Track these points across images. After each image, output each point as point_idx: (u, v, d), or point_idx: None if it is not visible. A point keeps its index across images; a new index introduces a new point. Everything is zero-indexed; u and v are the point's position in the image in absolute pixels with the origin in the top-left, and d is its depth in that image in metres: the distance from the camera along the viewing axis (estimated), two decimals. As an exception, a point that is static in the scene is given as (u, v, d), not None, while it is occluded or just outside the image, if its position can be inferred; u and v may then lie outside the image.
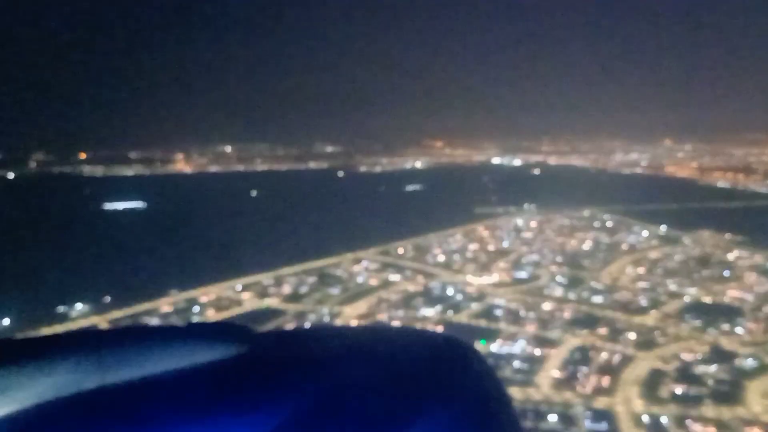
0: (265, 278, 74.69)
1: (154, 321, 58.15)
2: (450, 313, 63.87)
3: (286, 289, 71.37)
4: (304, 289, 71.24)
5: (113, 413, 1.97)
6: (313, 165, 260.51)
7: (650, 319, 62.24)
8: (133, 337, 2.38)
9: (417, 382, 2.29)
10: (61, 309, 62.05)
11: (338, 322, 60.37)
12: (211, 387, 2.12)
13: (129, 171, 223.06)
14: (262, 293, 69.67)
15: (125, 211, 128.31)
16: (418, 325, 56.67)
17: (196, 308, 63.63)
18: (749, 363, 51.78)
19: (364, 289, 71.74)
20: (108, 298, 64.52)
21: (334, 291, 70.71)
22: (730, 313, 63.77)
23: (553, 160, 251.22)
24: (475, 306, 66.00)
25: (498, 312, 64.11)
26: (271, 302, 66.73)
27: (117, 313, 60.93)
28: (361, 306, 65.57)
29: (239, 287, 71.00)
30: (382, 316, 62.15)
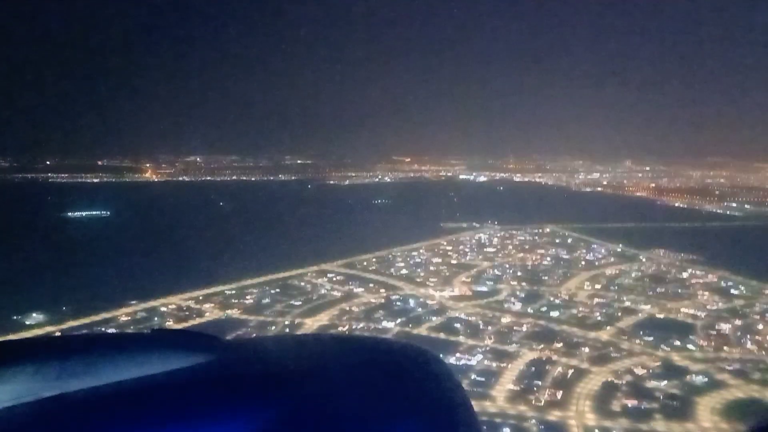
0: (228, 289, 74.56)
1: (111, 331, 57.64)
2: (410, 326, 64.47)
3: (249, 300, 71.26)
4: (266, 301, 71.21)
5: (73, 421, 1.97)
6: (283, 177, 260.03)
7: (605, 334, 63.70)
8: (96, 344, 2.46)
9: (383, 390, 2.43)
10: (16, 318, 60.96)
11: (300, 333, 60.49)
12: (177, 396, 2.15)
13: (95, 179, 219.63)
14: (225, 304, 69.45)
15: (89, 220, 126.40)
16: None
17: (156, 318, 63.01)
18: (699, 379, 53.36)
19: (327, 301, 72.10)
20: (65, 308, 63.66)
21: (297, 302, 70.86)
22: (682, 329, 65.67)
23: (518, 177, 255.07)
24: (435, 319, 66.80)
25: (457, 325, 64.98)
26: (234, 313, 66.51)
27: (73, 323, 60.07)
28: (323, 318, 65.82)
29: (201, 297, 70.70)
30: (343, 329, 62.44)
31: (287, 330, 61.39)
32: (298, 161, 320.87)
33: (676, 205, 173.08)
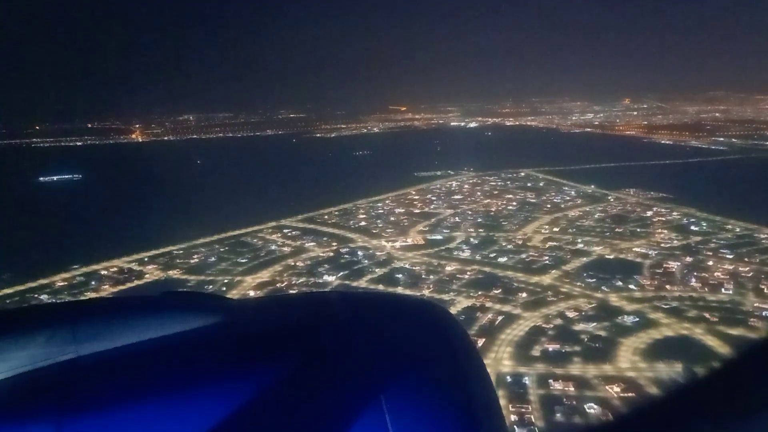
0: (177, 249, 74.09)
1: (44, 297, 57.53)
2: (351, 278, 63.79)
3: (195, 259, 70.80)
4: (212, 260, 70.72)
5: (88, 384, 2.04)
6: (270, 132, 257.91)
7: (548, 278, 62.81)
8: (107, 309, 2.55)
9: (394, 345, 2.41)
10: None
11: (236, 292, 59.99)
12: (186, 356, 2.20)
13: (79, 142, 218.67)
14: (168, 265, 69.01)
15: (58, 184, 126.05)
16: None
17: (93, 282, 62.71)
18: (630, 320, 52.57)
19: (274, 257, 71.44)
20: (4, 275, 63.39)
21: (243, 260, 70.25)
22: (629, 269, 64.65)
23: (509, 122, 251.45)
24: (378, 270, 66.07)
25: (399, 276, 64.32)
26: (174, 273, 66.03)
27: (8, 290, 59.87)
28: (264, 275, 65.23)
29: (146, 259, 70.29)
30: (282, 285, 62.00)
31: (223, 289, 60.93)
32: (291, 115, 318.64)
33: (662, 142, 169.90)
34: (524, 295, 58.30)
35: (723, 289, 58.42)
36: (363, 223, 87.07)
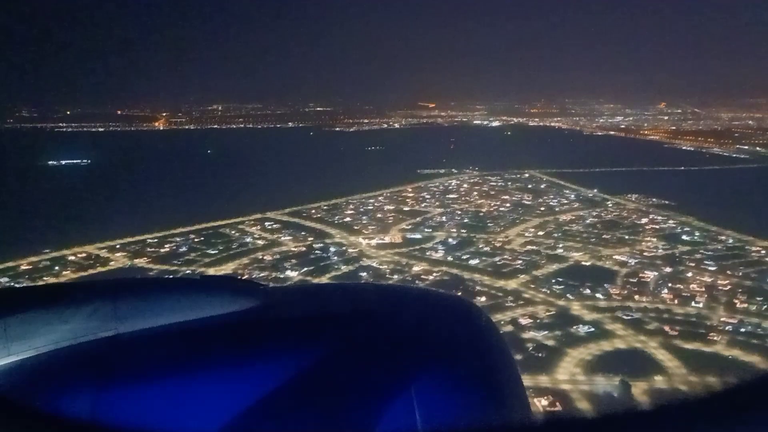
0: (153, 238, 73.96)
1: (4, 280, 57.92)
2: (314, 275, 62.70)
3: (166, 249, 70.58)
4: (183, 249, 70.42)
5: (127, 360, 2.14)
6: (291, 124, 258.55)
7: (514, 282, 60.82)
8: (146, 289, 2.61)
9: (424, 338, 2.48)
10: None
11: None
12: (222, 339, 2.29)
13: (101, 128, 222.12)
14: (138, 253, 68.80)
15: (64, 168, 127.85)
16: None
17: (56, 267, 62.86)
18: (585, 330, 50.46)
19: (245, 250, 70.85)
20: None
21: (213, 251, 69.81)
22: (602, 277, 62.20)
23: (533, 122, 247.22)
24: (344, 268, 64.86)
25: (363, 274, 62.99)
26: (140, 262, 65.88)
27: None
28: (229, 267, 64.59)
29: (118, 246, 70.33)
30: (241, 278, 61.22)
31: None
32: (318, 108, 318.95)
33: (683, 148, 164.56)
34: (483, 299, 56.42)
35: (693, 302, 55.85)
36: (347, 219, 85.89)
